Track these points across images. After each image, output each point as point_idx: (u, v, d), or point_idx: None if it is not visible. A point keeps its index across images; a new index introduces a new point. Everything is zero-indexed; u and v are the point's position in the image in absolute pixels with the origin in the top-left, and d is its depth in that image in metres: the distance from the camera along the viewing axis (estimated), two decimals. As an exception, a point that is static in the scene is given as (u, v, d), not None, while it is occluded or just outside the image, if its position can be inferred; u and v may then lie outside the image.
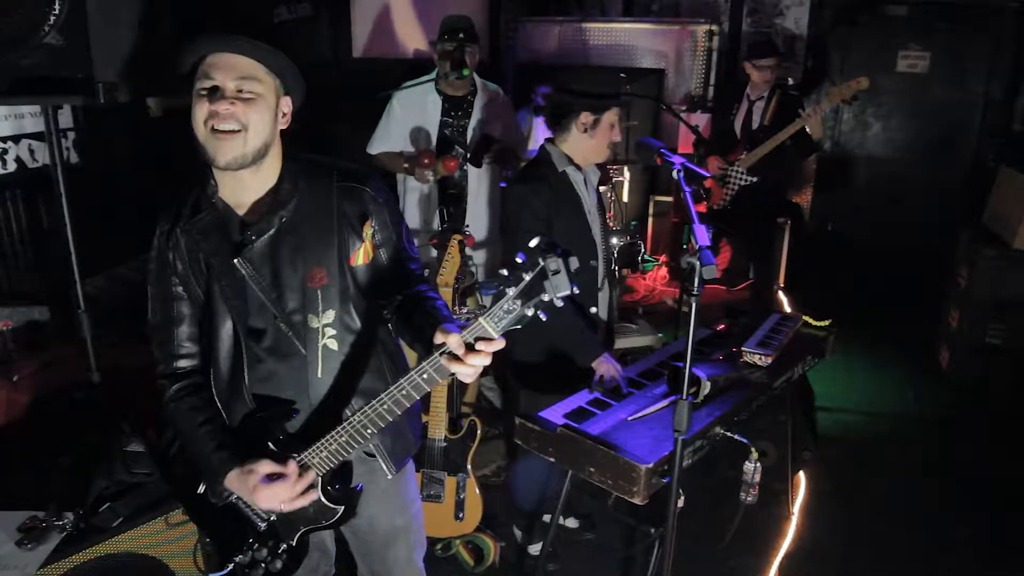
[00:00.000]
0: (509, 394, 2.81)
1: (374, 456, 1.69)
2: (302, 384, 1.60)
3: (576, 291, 1.26)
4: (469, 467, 2.72)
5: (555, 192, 2.46)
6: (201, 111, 1.45)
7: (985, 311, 4.19)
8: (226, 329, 1.58)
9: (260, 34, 1.50)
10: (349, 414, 1.52)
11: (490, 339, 1.30)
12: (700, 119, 5.57)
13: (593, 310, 2.58)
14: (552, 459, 2.13)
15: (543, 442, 2.13)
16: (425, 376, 1.37)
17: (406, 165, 3.38)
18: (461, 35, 3.28)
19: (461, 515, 2.75)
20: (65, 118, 3.23)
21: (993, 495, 3.35)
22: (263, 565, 1.61)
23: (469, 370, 1.31)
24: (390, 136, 3.48)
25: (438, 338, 1.35)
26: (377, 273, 1.63)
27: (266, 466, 1.48)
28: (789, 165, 4.63)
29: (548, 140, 2.56)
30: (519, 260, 1.25)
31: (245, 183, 1.54)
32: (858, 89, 3.92)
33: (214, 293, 1.56)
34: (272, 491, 1.47)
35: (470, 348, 1.30)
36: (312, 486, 1.53)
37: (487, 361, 1.31)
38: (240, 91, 1.46)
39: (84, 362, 2.45)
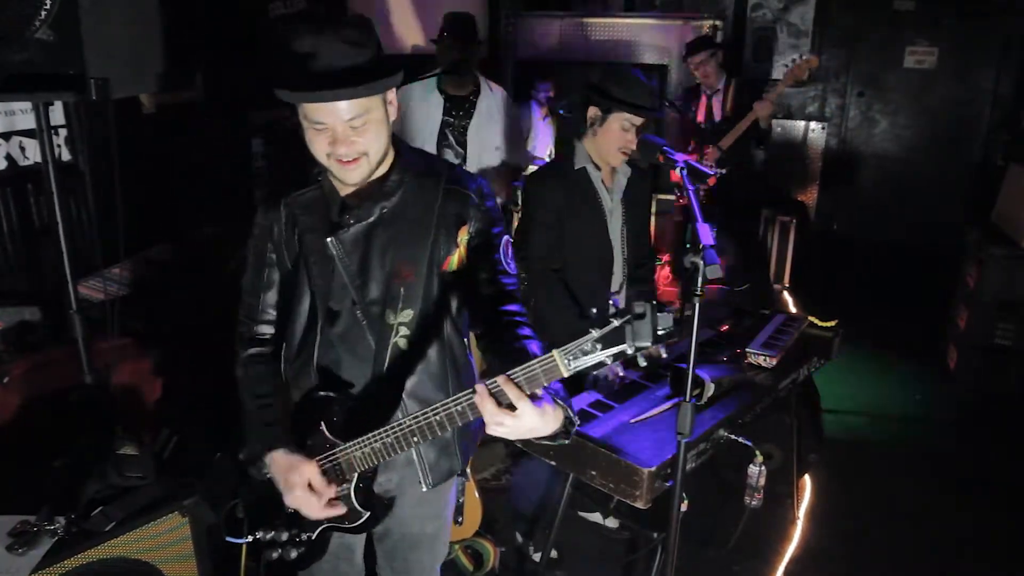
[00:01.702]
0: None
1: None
2: (364, 375, 1.59)
3: (664, 353, 1.21)
4: (468, 470, 2.68)
5: (570, 189, 2.47)
6: (320, 144, 1.44)
7: (993, 311, 4.14)
8: (305, 305, 1.60)
9: (358, 64, 1.37)
10: (401, 416, 1.49)
11: (524, 396, 1.23)
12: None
13: (594, 311, 2.53)
14: (553, 462, 2.11)
15: (544, 444, 2.09)
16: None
17: None
18: (461, 34, 3.25)
19: (460, 519, 2.70)
20: (57, 115, 3.19)
21: (1001, 498, 3.30)
22: (279, 549, 1.62)
23: (488, 417, 1.25)
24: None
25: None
26: (469, 283, 1.58)
27: (315, 476, 1.48)
28: (749, 156, 4.65)
29: (576, 136, 2.57)
30: (613, 306, 1.20)
31: None
32: (809, 68, 4.02)
33: (301, 267, 1.58)
34: (303, 497, 1.48)
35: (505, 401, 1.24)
36: (340, 496, 1.53)
37: (507, 422, 1.24)
38: (353, 126, 1.43)
39: (76, 363, 2.42)
